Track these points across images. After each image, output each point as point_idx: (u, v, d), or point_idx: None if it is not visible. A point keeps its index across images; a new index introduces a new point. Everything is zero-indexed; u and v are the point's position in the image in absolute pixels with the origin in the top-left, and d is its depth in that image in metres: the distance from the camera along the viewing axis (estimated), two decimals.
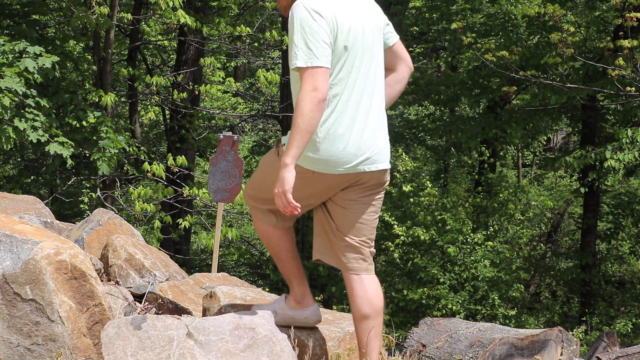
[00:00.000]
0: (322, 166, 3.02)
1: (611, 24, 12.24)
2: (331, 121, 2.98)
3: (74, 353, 3.06)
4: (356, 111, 3.02)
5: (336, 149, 3.00)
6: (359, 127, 3.02)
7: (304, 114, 2.86)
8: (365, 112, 3.04)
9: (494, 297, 10.55)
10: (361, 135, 3.02)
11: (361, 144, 3.03)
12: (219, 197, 5.41)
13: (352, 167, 3.04)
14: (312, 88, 2.87)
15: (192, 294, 4.21)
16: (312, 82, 2.88)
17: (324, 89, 2.88)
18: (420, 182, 11.43)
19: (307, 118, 2.86)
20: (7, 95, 6.93)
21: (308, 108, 2.86)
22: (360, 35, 3.01)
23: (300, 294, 3.33)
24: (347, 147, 3.01)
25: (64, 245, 3.15)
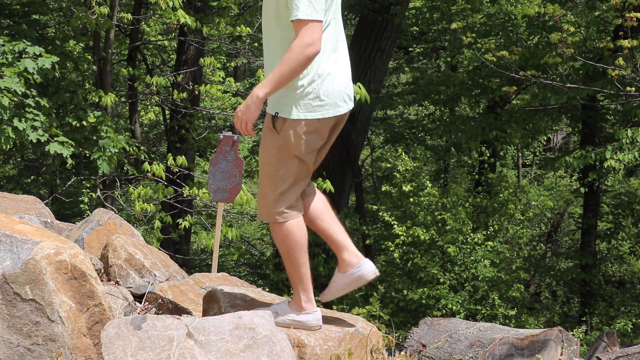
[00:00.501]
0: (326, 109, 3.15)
1: (611, 24, 12.24)
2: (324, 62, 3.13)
3: (74, 353, 3.06)
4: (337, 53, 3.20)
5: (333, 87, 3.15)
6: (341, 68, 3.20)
7: (293, 64, 2.99)
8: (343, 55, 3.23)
9: (494, 297, 10.55)
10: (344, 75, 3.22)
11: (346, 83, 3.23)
12: (219, 197, 5.41)
13: (345, 106, 3.23)
14: (310, 42, 2.99)
15: (192, 294, 4.21)
16: (311, 36, 2.99)
17: (319, 45, 3.02)
18: (420, 182, 11.42)
19: (295, 69, 3.00)
20: (6, 96, 6.93)
21: (300, 60, 2.99)
22: None
23: (307, 299, 3.35)
24: (340, 85, 3.19)
25: (64, 245, 3.15)
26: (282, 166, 3.21)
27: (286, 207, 3.24)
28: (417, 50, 16.78)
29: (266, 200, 3.26)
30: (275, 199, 3.24)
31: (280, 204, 3.24)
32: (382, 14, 12.57)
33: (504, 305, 10.90)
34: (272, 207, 3.24)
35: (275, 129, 3.17)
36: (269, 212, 3.26)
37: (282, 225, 3.25)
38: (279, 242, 3.30)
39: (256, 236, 19.48)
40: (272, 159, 3.21)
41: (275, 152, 3.20)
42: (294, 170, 3.22)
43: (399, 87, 17.73)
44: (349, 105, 3.24)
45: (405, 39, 16.10)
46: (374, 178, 17.79)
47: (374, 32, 12.76)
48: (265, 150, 3.24)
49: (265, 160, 3.25)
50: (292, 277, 3.34)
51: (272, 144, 3.20)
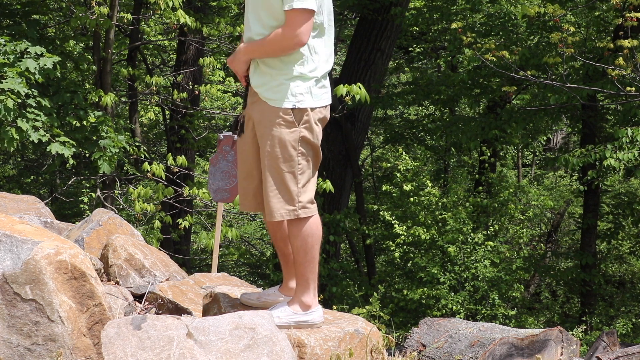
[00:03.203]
0: (329, 95, 3.29)
1: (611, 24, 12.24)
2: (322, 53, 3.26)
3: (74, 353, 3.06)
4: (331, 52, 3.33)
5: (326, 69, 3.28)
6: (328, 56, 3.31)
7: (276, 47, 3.14)
8: (330, 45, 3.33)
9: (494, 297, 10.55)
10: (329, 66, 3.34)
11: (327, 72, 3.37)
12: (219, 197, 5.41)
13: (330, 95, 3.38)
14: (299, 31, 3.10)
15: (192, 294, 4.21)
16: (300, 25, 3.10)
17: (307, 37, 3.13)
18: (420, 182, 11.42)
19: (276, 52, 3.15)
20: (10, 97, 6.93)
21: (285, 46, 3.13)
22: None
23: (314, 296, 3.36)
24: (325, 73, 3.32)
25: (64, 245, 3.15)
26: (302, 159, 3.25)
27: (308, 201, 3.27)
28: (417, 50, 16.78)
29: (288, 197, 3.24)
30: (299, 193, 3.24)
31: (303, 199, 3.25)
32: (382, 14, 12.57)
33: (504, 305, 10.90)
34: (295, 202, 3.25)
35: (294, 121, 3.21)
36: (290, 209, 3.25)
37: (305, 221, 3.26)
38: (302, 239, 3.28)
39: (256, 236, 19.48)
40: (292, 153, 3.23)
41: (296, 145, 3.22)
42: (312, 161, 3.30)
43: (399, 87, 17.73)
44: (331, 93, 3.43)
45: (405, 39, 16.10)
46: (374, 178, 17.80)
47: (374, 32, 12.76)
48: (281, 146, 3.22)
49: (282, 156, 3.22)
50: (307, 273, 3.33)
51: (290, 137, 3.21)
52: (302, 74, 3.20)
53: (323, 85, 3.27)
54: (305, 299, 3.34)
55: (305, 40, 3.13)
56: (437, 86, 13.39)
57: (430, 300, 10.45)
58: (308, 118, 3.22)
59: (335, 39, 17.37)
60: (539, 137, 15.79)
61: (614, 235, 13.87)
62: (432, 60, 17.99)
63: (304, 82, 3.20)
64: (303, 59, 3.20)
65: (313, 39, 3.22)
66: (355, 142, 12.91)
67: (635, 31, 10.01)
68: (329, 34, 3.32)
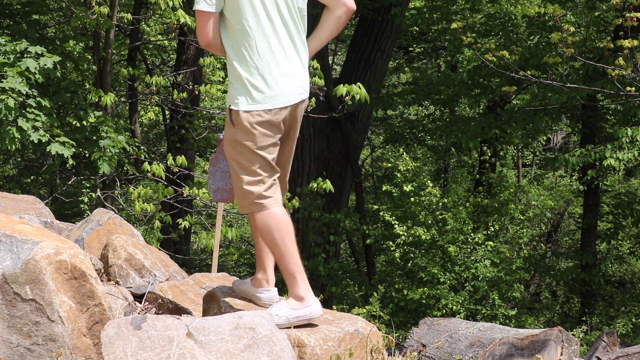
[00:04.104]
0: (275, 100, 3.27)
1: (611, 24, 12.24)
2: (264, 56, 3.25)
3: (74, 353, 3.06)
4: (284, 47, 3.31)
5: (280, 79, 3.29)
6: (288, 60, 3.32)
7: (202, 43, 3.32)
8: (293, 48, 3.33)
9: (494, 297, 10.55)
10: (293, 67, 3.32)
11: (295, 74, 3.35)
12: (219, 197, 5.41)
13: (296, 97, 3.34)
14: (199, 33, 3.25)
15: (192, 294, 4.21)
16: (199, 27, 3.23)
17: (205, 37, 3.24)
18: (421, 182, 11.42)
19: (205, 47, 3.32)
20: (11, 96, 6.93)
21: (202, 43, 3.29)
22: None
23: (305, 288, 3.32)
24: (287, 77, 3.31)
25: (64, 245, 3.15)
26: (242, 158, 3.28)
27: (255, 198, 3.29)
28: (417, 50, 16.78)
29: (238, 192, 3.34)
30: (244, 191, 3.30)
31: (250, 196, 3.29)
32: (382, 14, 12.57)
33: (504, 305, 10.90)
34: (244, 198, 3.31)
35: (232, 122, 3.26)
36: (243, 204, 3.33)
37: (257, 216, 3.30)
38: (263, 235, 3.32)
39: None
40: (233, 152, 3.31)
41: (235, 144, 3.29)
42: (253, 162, 3.27)
43: (399, 87, 17.72)
44: (301, 96, 3.32)
45: (405, 39, 16.11)
46: (374, 178, 17.79)
47: (374, 32, 12.76)
48: (227, 143, 3.33)
49: (229, 154, 3.34)
50: (289, 267, 3.31)
51: (231, 136, 3.30)
52: (240, 75, 3.23)
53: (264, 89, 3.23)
54: (296, 292, 3.31)
55: (203, 40, 3.23)
56: (437, 86, 13.39)
57: (430, 300, 10.45)
58: (241, 120, 3.23)
59: (335, 39, 17.30)
60: (539, 137, 15.79)
61: (614, 235, 13.87)
62: (432, 60, 17.99)
63: (240, 84, 3.24)
64: (241, 60, 3.24)
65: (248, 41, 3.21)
66: (355, 142, 12.92)
67: (635, 31, 10.01)
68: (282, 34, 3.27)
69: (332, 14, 3.33)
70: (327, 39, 3.43)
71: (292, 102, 3.28)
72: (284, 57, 3.26)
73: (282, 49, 3.26)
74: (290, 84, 3.27)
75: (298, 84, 3.30)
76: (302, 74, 3.33)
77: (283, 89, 3.25)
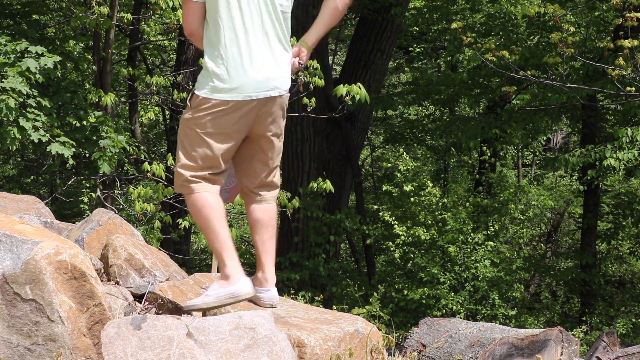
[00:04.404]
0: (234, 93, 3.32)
1: (611, 24, 12.24)
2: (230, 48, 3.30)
3: (74, 353, 3.06)
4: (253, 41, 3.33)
5: (242, 74, 3.33)
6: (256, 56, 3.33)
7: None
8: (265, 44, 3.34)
9: (494, 297, 10.55)
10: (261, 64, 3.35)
11: (260, 71, 3.36)
12: None
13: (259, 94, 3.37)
14: (183, 21, 3.35)
15: (192, 294, 4.21)
16: (184, 15, 3.34)
17: (189, 26, 3.32)
18: (421, 182, 11.42)
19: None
20: (11, 96, 6.93)
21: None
22: None
23: (231, 267, 3.29)
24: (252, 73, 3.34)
25: (64, 245, 3.15)
26: (187, 141, 3.34)
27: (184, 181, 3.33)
28: (417, 50, 16.77)
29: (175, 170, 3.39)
30: (177, 171, 3.36)
31: (180, 177, 3.34)
32: (382, 14, 12.56)
33: (504, 305, 10.90)
34: (176, 178, 3.37)
35: (190, 104, 3.32)
36: (176, 183, 3.39)
37: (189, 197, 3.35)
38: (194, 215, 3.38)
39: None
40: (181, 132, 3.36)
41: (185, 125, 3.34)
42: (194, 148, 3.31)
43: (399, 87, 17.72)
44: (267, 92, 3.29)
45: (405, 39, 16.10)
46: (374, 178, 17.79)
47: (374, 32, 12.75)
48: (180, 122, 3.40)
49: (178, 133, 3.41)
50: (215, 247, 3.33)
51: (184, 117, 3.35)
52: (207, 64, 3.30)
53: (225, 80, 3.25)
54: (224, 271, 3.29)
55: (187, 29, 3.31)
56: (437, 86, 13.38)
57: (430, 300, 10.44)
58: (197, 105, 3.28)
59: (336, 39, 17.30)
60: (539, 137, 15.79)
61: (614, 235, 13.87)
62: (432, 60, 17.98)
63: (206, 71, 3.32)
64: (210, 50, 3.30)
65: (218, 32, 3.26)
66: (355, 142, 12.91)
67: (635, 31, 10.00)
68: (254, 29, 3.27)
69: (329, 3, 3.33)
70: (325, 29, 3.40)
71: (253, 97, 3.26)
72: (251, 52, 3.26)
73: (251, 43, 3.26)
74: (255, 79, 3.25)
75: (265, 80, 3.27)
76: (274, 70, 3.29)
77: (245, 82, 3.24)
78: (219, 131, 3.28)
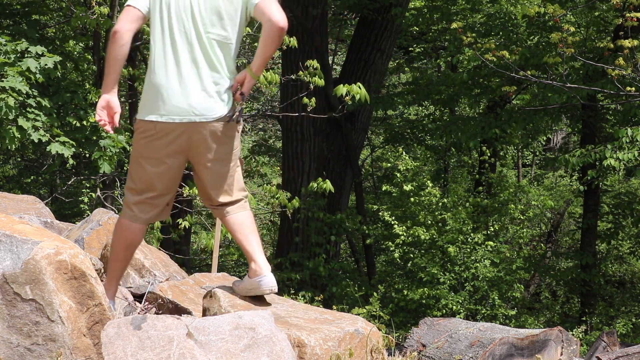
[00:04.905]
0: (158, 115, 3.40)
1: (611, 24, 12.24)
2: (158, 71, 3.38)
3: (74, 353, 3.06)
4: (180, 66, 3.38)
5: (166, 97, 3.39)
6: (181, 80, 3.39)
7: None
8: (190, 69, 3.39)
9: (494, 297, 10.55)
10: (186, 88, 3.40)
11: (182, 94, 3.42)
12: None
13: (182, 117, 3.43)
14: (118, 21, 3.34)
15: (192, 294, 4.21)
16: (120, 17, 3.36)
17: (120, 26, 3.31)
18: (420, 182, 11.42)
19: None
20: (11, 95, 6.94)
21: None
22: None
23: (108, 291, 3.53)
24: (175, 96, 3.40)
25: (64, 245, 3.15)
26: (130, 163, 3.49)
27: (127, 204, 3.48)
28: (417, 50, 16.77)
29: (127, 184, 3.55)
30: (125, 191, 3.56)
31: (125, 198, 3.51)
32: (382, 14, 12.57)
33: (504, 305, 10.90)
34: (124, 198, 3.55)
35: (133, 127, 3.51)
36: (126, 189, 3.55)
37: (121, 218, 3.52)
38: (114, 234, 3.55)
39: None
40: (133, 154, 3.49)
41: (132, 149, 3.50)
42: (134, 169, 3.46)
43: (399, 87, 17.73)
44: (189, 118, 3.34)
45: (405, 39, 16.10)
46: (374, 178, 17.79)
47: (374, 32, 12.76)
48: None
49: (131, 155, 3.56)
50: (110, 269, 3.58)
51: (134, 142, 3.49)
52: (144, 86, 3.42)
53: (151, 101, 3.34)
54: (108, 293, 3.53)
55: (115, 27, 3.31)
56: (437, 86, 13.39)
57: (430, 300, 10.44)
58: (135, 127, 3.42)
59: (336, 39, 17.27)
60: (539, 137, 15.79)
61: (614, 235, 13.87)
62: (432, 60, 17.98)
63: (142, 96, 3.42)
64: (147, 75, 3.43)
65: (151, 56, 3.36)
66: (355, 142, 12.92)
67: (635, 31, 10.01)
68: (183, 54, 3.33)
69: (265, 28, 3.34)
70: (263, 55, 3.39)
71: (176, 121, 3.32)
72: (180, 79, 3.33)
73: (181, 70, 3.33)
74: (179, 104, 3.32)
75: (189, 106, 3.33)
76: (201, 98, 3.34)
77: (170, 107, 3.32)
78: (150, 155, 3.39)
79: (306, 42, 11.44)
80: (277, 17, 3.29)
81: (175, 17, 3.33)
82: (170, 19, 3.33)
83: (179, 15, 3.33)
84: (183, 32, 3.33)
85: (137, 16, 3.34)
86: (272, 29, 3.30)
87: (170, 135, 3.35)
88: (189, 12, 3.33)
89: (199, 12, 3.33)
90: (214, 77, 3.36)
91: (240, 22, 3.40)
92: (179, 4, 3.33)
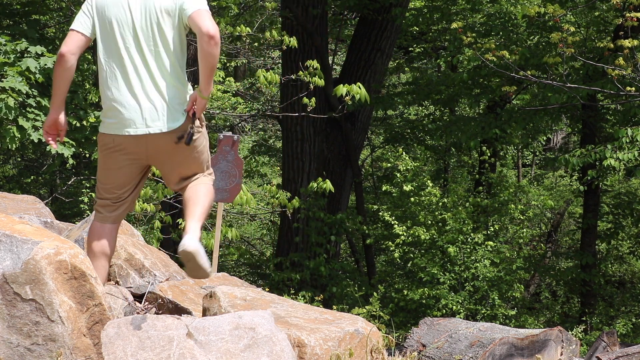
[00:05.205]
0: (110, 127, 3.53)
1: (611, 24, 12.24)
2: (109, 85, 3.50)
3: (74, 353, 3.06)
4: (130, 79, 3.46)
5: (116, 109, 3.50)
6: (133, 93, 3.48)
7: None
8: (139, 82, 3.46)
9: (494, 297, 10.55)
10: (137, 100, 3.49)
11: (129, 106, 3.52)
12: (219, 197, 5.42)
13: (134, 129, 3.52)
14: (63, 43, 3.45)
15: (192, 294, 4.21)
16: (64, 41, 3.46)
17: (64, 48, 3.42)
18: (421, 182, 11.42)
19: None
20: (11, 95, 6.94)
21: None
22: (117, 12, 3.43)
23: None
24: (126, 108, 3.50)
25: (64, 245, 3.15)
26: (97, 171, 3.64)
27: (96, 204, 3.63)
28: (417, 50, 16.77)
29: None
30: (95, 193, 3.71)
31: (95, 200, 3.68)
32: (382, 14, 12.57)
33: (504, 305, 10.89)
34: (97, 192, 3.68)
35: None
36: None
37: (92, 222, 3.66)
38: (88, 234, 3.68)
39: (256, 236, 19.48)
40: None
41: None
42: (99, 176, 3.63)
43: (399, 87, 17.72)
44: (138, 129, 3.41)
45: (405, 39, 16.09)
46: (374, 178, 17.79)
47: (374, 32, 12.75)
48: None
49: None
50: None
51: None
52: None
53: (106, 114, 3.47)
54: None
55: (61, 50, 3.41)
56: (437, 86, 13.38)
57: (430, 300, 10.44)
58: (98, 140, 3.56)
59: (336, 39, 17.24)
60: (539, 137, 15.78)
61: (614, 235, 13.88)
62: (432, 60, 17.97)
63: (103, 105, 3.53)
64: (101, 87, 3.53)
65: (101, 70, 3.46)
66: (355, 142, 12.92)
67: (635, 31, 10.01)
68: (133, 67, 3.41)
69: (200, 49, 3.39)
70: (203, 70, 3.44)
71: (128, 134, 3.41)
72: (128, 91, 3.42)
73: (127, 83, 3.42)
74: (129, 117, 3.41)
75: (140, 118, 3.41)
76: (149, 108, 3.41)
77: (121, 120, 3.42)
78: (110, 166, 3.53)
79: (306, 42, 11.45)
80: (207, 26, 3.33)
81: (118, 34, 3.41)
82: (114, 36, 3.41)
83: (122, 32, 3.41)
84: (126, 48, 3.41)
85: (82, 40, 3.45)
86: (202, 38, 3.34)
87: (128, 147, 3.45)
88: (130, 27, 3.41)
89: (140, 27, 3.40)
90: (162, 89, 3.43)
91: (180, 32, 3.46)
92: (121, 20, 3.41)
